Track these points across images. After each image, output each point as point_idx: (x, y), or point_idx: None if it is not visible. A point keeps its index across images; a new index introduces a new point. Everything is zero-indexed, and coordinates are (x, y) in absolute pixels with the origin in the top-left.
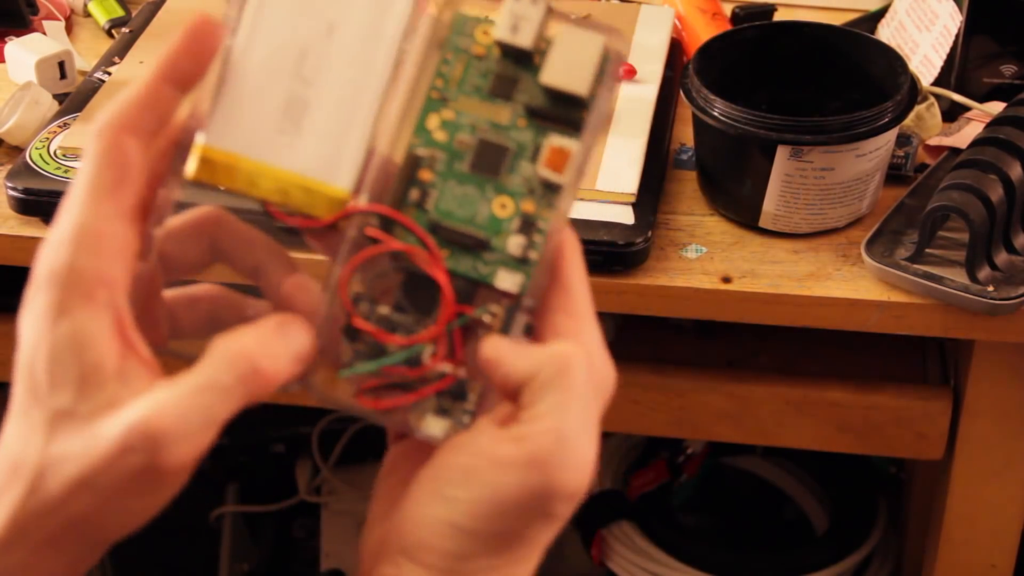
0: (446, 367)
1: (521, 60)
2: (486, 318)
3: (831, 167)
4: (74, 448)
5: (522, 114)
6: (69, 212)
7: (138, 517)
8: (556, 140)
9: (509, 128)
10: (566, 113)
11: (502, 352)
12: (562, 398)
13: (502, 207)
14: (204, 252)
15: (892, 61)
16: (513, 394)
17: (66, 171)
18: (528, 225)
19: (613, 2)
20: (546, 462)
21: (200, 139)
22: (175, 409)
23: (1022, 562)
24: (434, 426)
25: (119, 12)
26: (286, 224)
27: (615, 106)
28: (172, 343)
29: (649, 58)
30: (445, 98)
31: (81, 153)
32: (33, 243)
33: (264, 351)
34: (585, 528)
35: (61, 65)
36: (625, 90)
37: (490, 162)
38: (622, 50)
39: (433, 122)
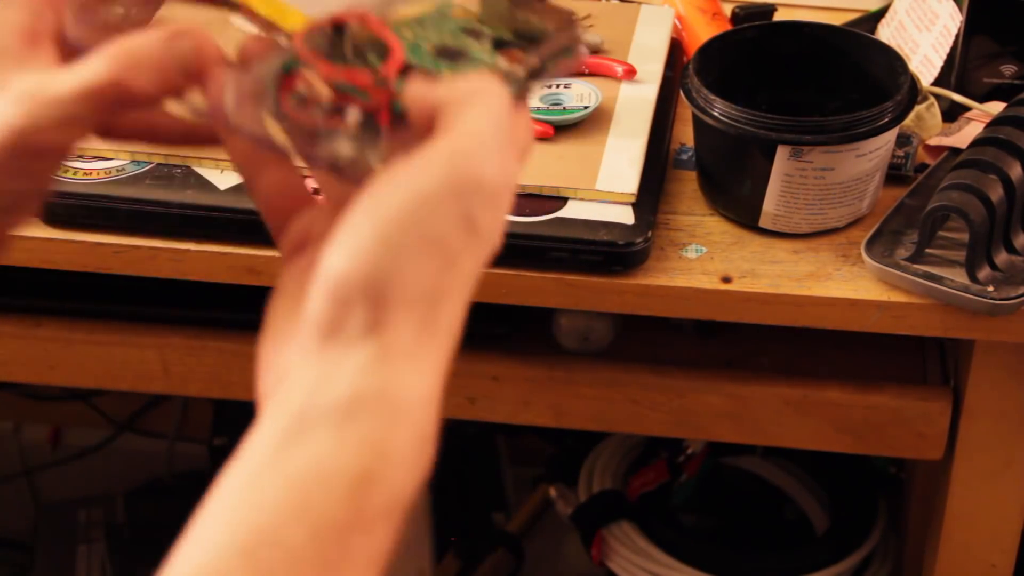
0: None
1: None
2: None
3: (831, 167)
4: None
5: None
6: None
7: (19, 199)
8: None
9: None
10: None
11: (429, 87)
12: (483, 111)
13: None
14: None
15: (892, 61)
16: (432, 123)
17: (66, 171)
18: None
19: (613, 2)
20: (467, 155)
21: None
22: (52, 91)
23: (1022, 562)
24: (344, 146)
25: None
26: None
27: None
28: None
29: (649, 58)
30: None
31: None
32: (33, 243)
33: (146, 45)
34: (585, 528)
35: None
36: (625, 90)
37: (451, 52)
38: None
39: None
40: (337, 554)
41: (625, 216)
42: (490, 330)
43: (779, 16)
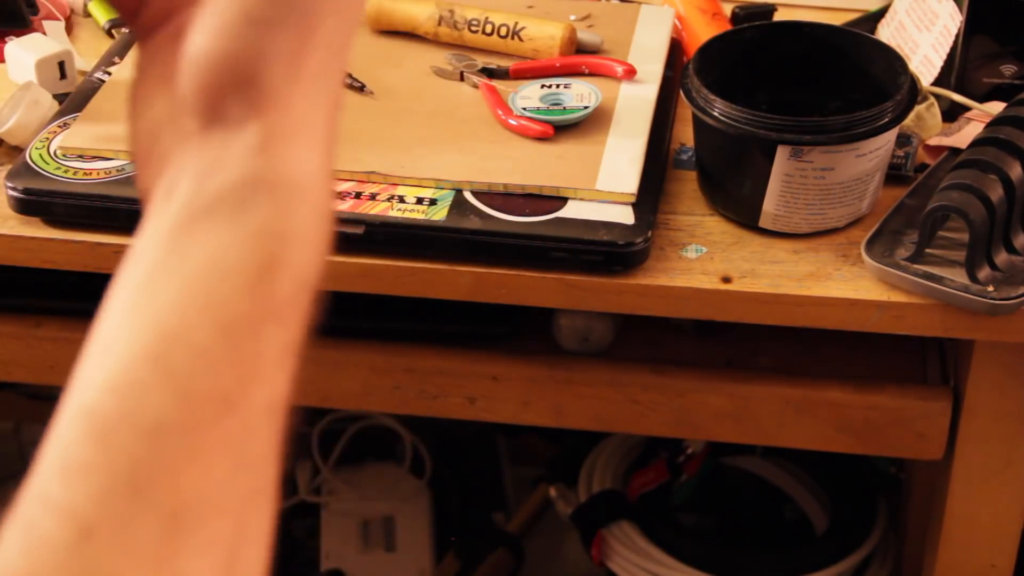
0: None
1: None
2: None
3: (831, 167)
4: None
5: None
6: None
7: None
8: None
9: None
10: None
11: None
12: None
13: None
14: None
15: (892, 61)
16: None
17: (66, 171)
18: None
19: (613, 2)
20: None
21: None
22: None
23: (1022, 562)
24: None
25: None
26: None
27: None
28: None
29: (649, 58)
30: None
31: (82, 153)
32: (33, 243)
33: None
34: (585, 528)
35: (61, 65)
36: (625, 90)
37: None
38: None
39: None
40: (250, 347)
41: (625, 216)
42: (490, 330)
43: (779, 16)
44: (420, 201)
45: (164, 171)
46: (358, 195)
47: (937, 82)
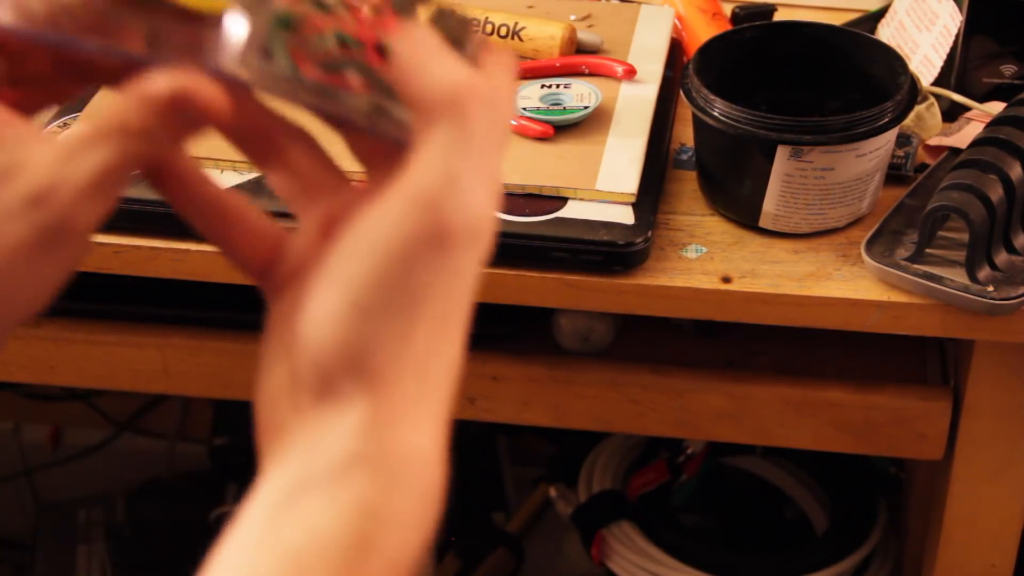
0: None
1: None
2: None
3: (831, 167)
4: None
5: None
6: None
7: (38, 296)
8: None
9: None
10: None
11: (406, 70)
12: (455, 138)
13: None
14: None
15: (892, 61)
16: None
17: None
18: None
19: (613, 2)
20: (434, 201)
21: None
22: (74, 183)
23: (1022, 562)
24: (357, 100)
25: None
26: None
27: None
28: None
29: (649, 58)
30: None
31: None
32: None
33: (157, 125)
34: (585, 528)
35: None
36: (625, 90)
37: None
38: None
39: None
40: None
41: (625, 216)
42: (490, 330)
43: (779, 16)
44: None
45: (280, 441)
46: None
47: (937, 82)
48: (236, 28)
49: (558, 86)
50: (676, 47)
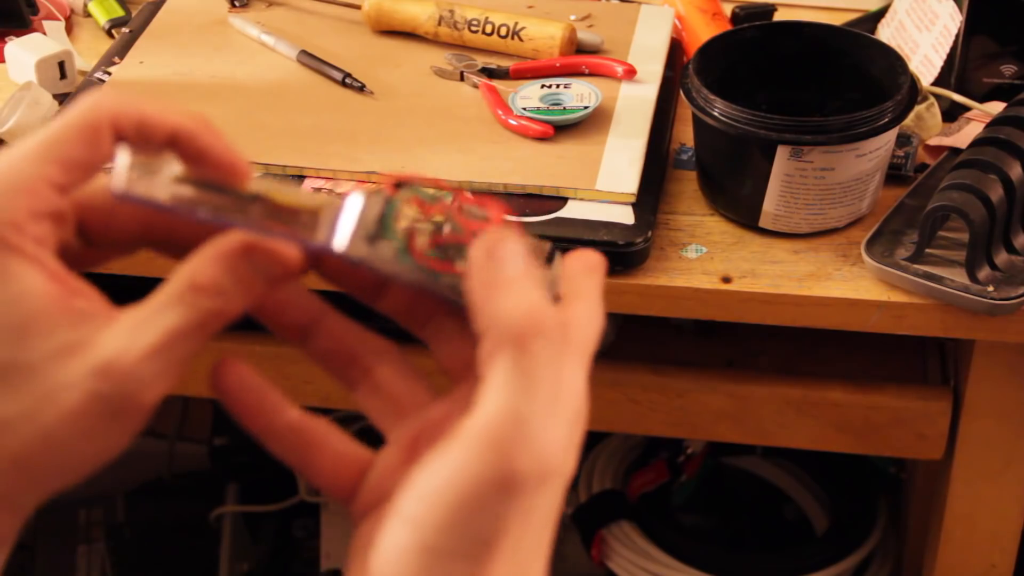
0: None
1: None
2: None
3: (831, 167)
4: (26, 403)
5: None
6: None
7: (99, 461)
8: None
9: None
10: None
11: (484, 272)
12: (518, 375)
13: None
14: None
15: (892, 61)
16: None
17: None
18: None
19: (613, 2)
20: (501, 444)
21: None
22: (139, 351)
23: (1022, 562)
24: (457, 280)
25: (119, 12)
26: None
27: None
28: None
29: (649, 58)
30: None
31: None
32: None
33: (228, 278)
34: (585, 528)
35: (61, 65)
36: (625, 90)
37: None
38: None
39: None
40: None
41: (625, 216)
42: None
43: (779, 16)
44: None
45: None
46: None
47: (937, 82)
48: (351, 208)
49: (558, 86)
50: (676, 47)
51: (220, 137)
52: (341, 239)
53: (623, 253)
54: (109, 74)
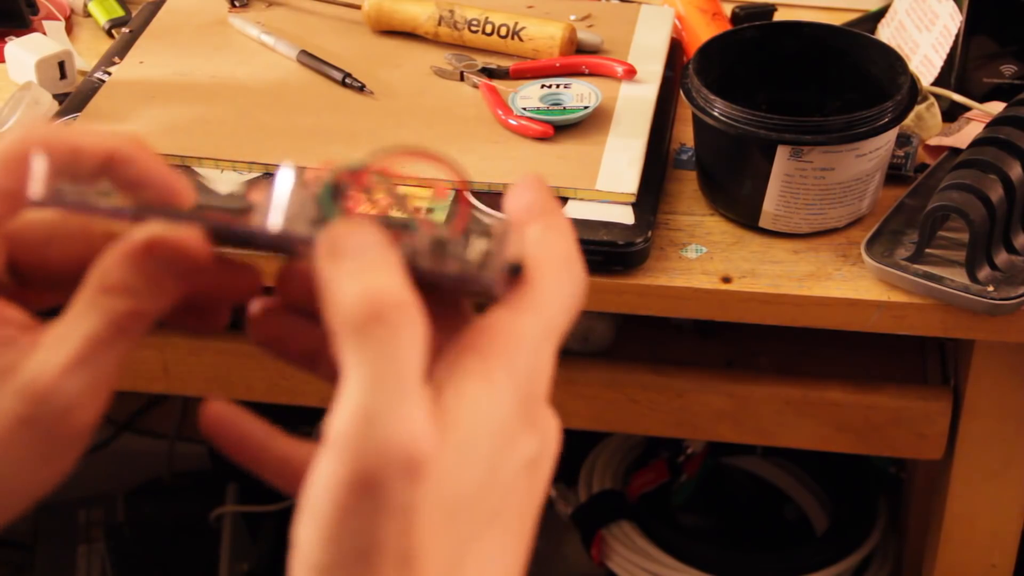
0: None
1: None
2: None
3: (831, 167)
4: None
5: None
6: None
7: (36, 493)
8: None
9: None
10: None
11: (322, 261)
12: (361, 363)
13: None
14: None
15: (892, 61)
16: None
17: None
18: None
19: (613, 2)
20: (351, 444)
21: None
22: (58, 365)
23: (1022, 562)
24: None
25: (119, 12)
26: None
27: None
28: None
29: (649, 58)
30: None
31: None
32: None
33: (136, 277)
34: (585, 528)
35: (61, 65)
36: (625, 90)
37: None
38: None
39: None
40: None
41: (625, 216)
42: None
43: (779, 16)
44: None
45: None
46: None
47: (937, 82)
48: (280, 188)
49: (558, 86)
50: (676, 47)
51: (157, 159)
52: (275, 219)
53: (623, 253)
54: (109, 74)
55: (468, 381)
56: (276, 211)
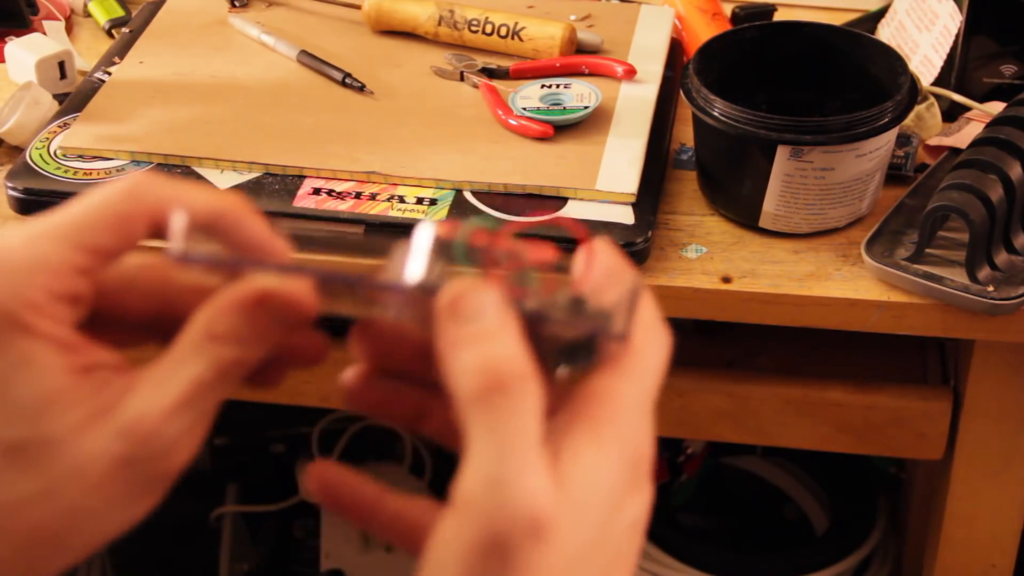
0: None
1: None
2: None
3: (831, 167)
4: (47, 479)
5: None
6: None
7: (121, 530)
8: None
9: None
10: None
11: (442, 334)
12: (485, 431)
13: None
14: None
15: (892, 61)
16: None
17: (66, 171)
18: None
19: (613, 2)
20: (480, 512)
21: None
22: (163, 407)
23: (1022, 562)
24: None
25: (119, 12)
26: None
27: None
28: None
29: (649, 58)
30: None
31: (86, 155)
32: None
33: (245, 327)
34: None
35: (61, 65)
36: (625, 90)
37: None
38: None
39: None
40: None
41: (625, 216)
42: None
43: (779, 16)
44: (420, 201)
45: None
46: (358, 195)
47: (937, 82)
48: (420, 242)
49: (558, 86)
50: (676, 47)
51: (259, 222)
52: (414, 271)
53: (623, 253)
54: (109, 74)
55: (583, 447)
56: (405, 264)
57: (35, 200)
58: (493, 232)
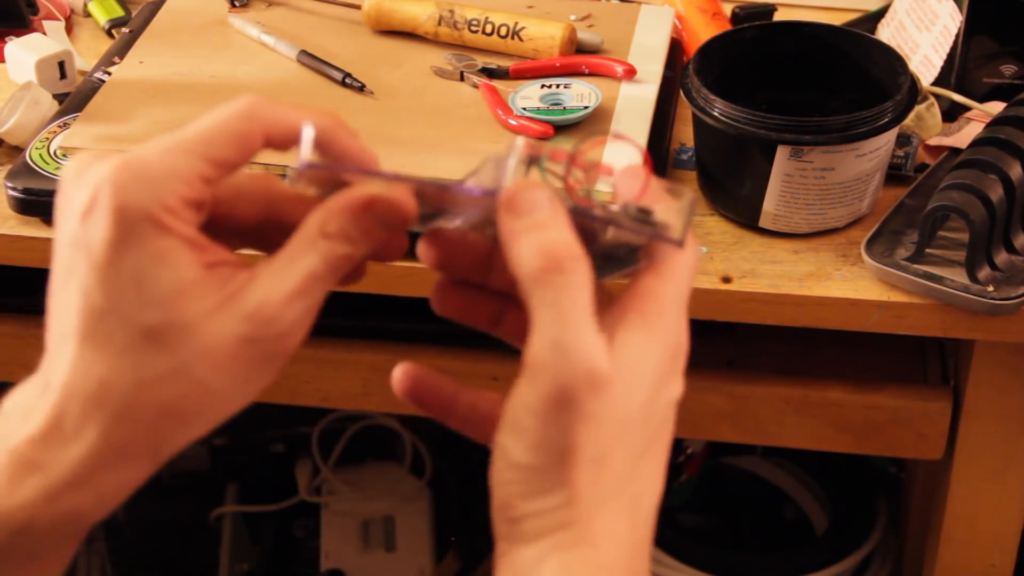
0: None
1: None
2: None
3: (831, 167)
4: (180, 358)
5: None
6: (173, 147)
7: (241, 405)
8: None
9: None
10: None
11: (504, 226)
12: (546, 305)
13: None
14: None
15: (892, 61)
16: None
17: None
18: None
19: (613, 2)
20: (549, 370)
21: None
22: (283, 294)
23: (1022, 562)
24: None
25: (119, 12)
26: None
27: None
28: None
29: (649, 58)
30: None
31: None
32: (33, 243)
33: (353, 227)
34: None
35: (61, 65)
36: (625, 90)
37: None
38: None
39: None
40: None
41: None
42: None
43: (779, 16)
44: None
45: (509, 528)
46: None
47: (937, 82)
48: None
49: (558, 86)
50: (676, 47)
51: (355, 136)
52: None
53: None
54: (109, 74)
55: (633, 334)
56: (492, 174)
57: (35, 200)
58: (571, 152)
